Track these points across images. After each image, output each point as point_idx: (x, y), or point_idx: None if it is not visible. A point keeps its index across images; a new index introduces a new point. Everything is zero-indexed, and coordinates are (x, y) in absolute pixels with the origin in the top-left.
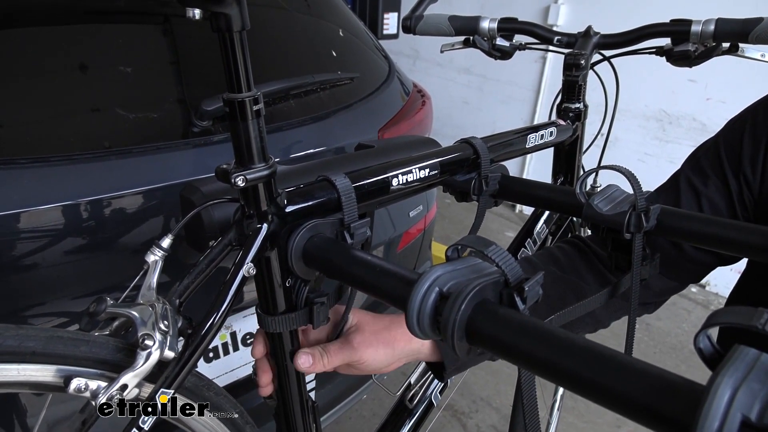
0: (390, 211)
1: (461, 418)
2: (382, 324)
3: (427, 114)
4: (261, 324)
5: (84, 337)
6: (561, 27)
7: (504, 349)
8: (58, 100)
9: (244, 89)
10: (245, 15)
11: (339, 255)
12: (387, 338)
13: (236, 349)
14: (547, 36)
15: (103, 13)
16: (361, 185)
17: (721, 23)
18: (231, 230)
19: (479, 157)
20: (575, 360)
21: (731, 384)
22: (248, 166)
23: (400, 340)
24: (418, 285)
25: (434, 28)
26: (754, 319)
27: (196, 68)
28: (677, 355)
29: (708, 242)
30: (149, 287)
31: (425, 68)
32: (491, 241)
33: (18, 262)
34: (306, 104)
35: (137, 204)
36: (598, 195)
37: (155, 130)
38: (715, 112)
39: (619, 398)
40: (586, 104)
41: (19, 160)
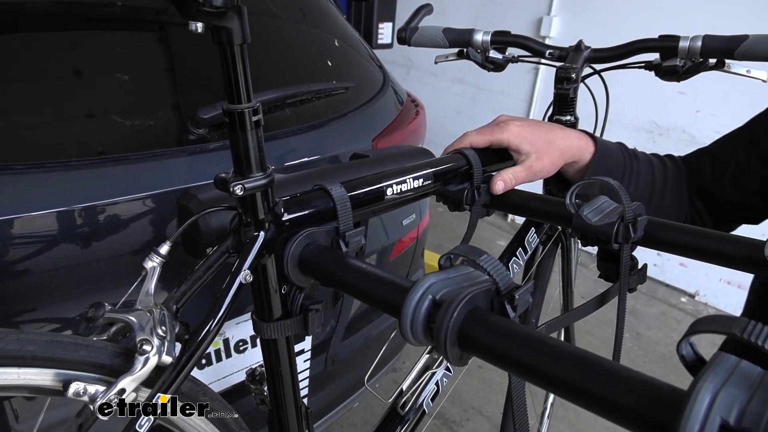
0: (383, 219)
1: (452, 427)
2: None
3: (420, 124)
4: (256, 330)
5: (83, 342)
6: (553, 39)
7: (495, 356)
8: (54, 106)
9: (244, 100)
10: (246, 29)
11: (334, 263)
12: (551, 149)
13: (229, 355)
14: (539, 49)
15: (99, 20)
16: (357, 194)
17: (708, 40)
18: (228, 238)
19: (472, 167)
20: (564, 366)
21: (711, 389)
22: (247, 175)
23: (560, 145)
24: (411, 293)
25: (429, 40)
26: (733, 327)
27: (192, 76)
28: (666, 365)
29: (694, 253)
30: (147, 293)
31: (419, 77)
32: (483, 251)
33: (12, 268)
34: (301, 113)
35: (132, 211)
36: (588, 206)
37: (151, 137)
38: (705, 124)
39: (606, 403)
40: (577, 117)
41: (14, 166)
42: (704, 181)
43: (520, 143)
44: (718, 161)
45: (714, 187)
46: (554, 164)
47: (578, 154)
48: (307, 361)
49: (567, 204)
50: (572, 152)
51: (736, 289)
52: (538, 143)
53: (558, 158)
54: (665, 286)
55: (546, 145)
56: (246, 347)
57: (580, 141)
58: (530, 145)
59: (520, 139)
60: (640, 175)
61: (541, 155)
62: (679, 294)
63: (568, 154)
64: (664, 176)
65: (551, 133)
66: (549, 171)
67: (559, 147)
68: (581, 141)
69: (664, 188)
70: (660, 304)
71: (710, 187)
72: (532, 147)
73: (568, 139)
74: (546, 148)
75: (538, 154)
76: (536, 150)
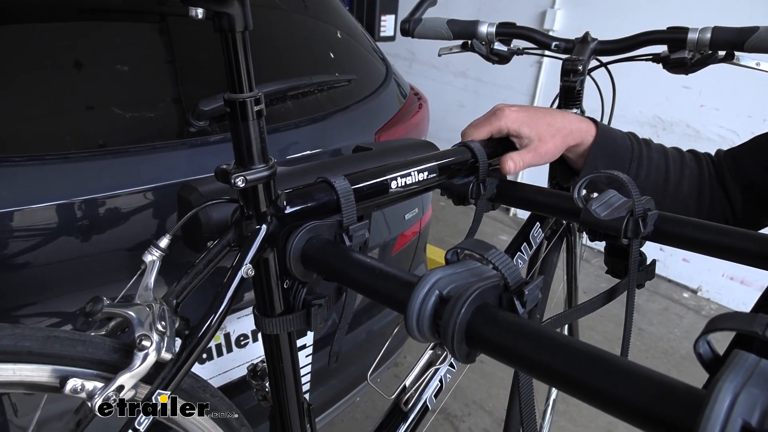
0: (385, 213)
1: (454, 422)
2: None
3: (423, 117)
4: (258, 325)
5: (80, 337)
6: (557, 32)
7: (504, 354)
8: (53, 98)
9: (246, 89)
10: (248, 15)
11: (337, 257)
12: (553, 131)
13: (230, 350)
14: (544, 41)
15: (99, 11)
16: (360, 187)
17: (718, 32)
18: (229, 231)
19: (477, 161)
20: (575, 364)
21: (732, 389)
22: (248, 166)
23: (561, 128)
24: (417, 288)
25: (432, 32)
26: (755, 324)
27: (193, 67)
28: (668, 360)
29: (704, 249)
30: (146, 287)
31: (422, 71)
32: (491, 245)
33: (11, 261)
34: (303, 106)
35: (133, 204)
36: (596, 200)
37: (152, 129)
38: (709, 118)
39: (620, 403)
40: (583, 110)
41: (13, 158)
42: (750, 171)
43: (519, 127)
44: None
45: (761, 177)
46: (557, 147)
47: (579, 136)
48: (309, 356)
49: (575, 198)
50: (574, 135)
51: (739, 285)
52: (538, 126)
53: (560, 141)
54: (668, 281)
55: (547, 128)
56: (247, 342)
57: (581, 124)
58: (530, 128)
59: (518, 124)
60: (651, 161)
61: (544, 138)
62: (681, 289)
63: (570, 137)
64: (680, 165)
65: (550, 116)
66: (554, 154)
67: (560, 129)
68: (582, 124)
69: (680, 177)
70: (662, 300)
71: (757, 177)
72: (533, 130)
73: (568, 122)
74: (547, 131)
75: (540, 136)
76: (538, 133)
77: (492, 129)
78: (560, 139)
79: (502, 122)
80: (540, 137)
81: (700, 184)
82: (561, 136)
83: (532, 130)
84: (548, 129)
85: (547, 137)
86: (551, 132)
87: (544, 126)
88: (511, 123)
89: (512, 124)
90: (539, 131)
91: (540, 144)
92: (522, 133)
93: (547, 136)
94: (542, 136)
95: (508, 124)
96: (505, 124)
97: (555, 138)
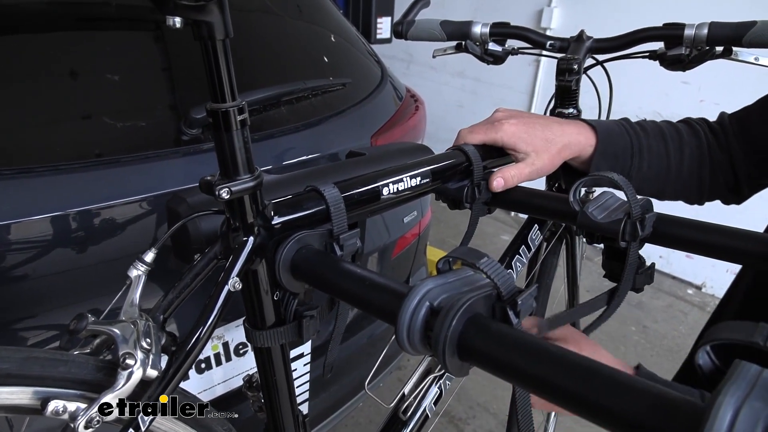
0: (384, 217)
1: (458, 424)
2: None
3: (420, 119)
4: (249, 339)
5: (62, 357)
6: (554, 30)
7: (497, 366)
8: (44, 109)
9: (228, 99)
10: (228, 23)
11: (328, 268)
12: (550, 147)
13: (229, 359)
14: (539, 40)
15: (91, 20)
16: (351, 195)
17: (715, 27)
18: (217, 243)
19: (472, 164)
20: (571, 378)
21: (733, 403)
22: (233, 177)
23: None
24: (407, 299)
25: (426, 34)
26: (755, 335)
27: (184, 75)
28: (674, 358)
29: (705, 250)
30: (132, 303)
31: (419, 72)
32: (483, 253)
33: (4, 274)
34: (297, 111)
35: (126, 214)
36: (593, 202)
37: (144, 138)
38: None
39: (618, 418)
40: (579, 109)
41: (3, 171)
42: (757, 131)
43: (515, 143)
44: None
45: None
46: (553, 162)
47: (578, 149)
48: (307, 365)
49: (571, 201)
50: (571, 149)
51: None
52: (535, 142)
53: (557, 156)
54: (672, 278)
55: (544, 144)
56: (246, 350)
57: (579, 136)
58: (527, 144)
59: (515, 139)
60: (651, 150)
61: (540, 154)
62: (685, 286)
63: (567, 152)
64: (679, 145)
65: (548, 131)
66: (549, 169)
67: (558, 145)
68: (580, 136)
69: (680, 158)
70: (666, 297)
71: (761, 138)
72: (530, 146)
73: (566, 136)
74: (544, 147)
75: (537, 152)
76: (534, 149)
77: (487, 139)
78: (557, 154)
79: (498, 135)
80: (536, 152)
81: (700, 158)
82: (557, 151)
83: (528, 145)
84: (545, 144)
85: (543, 153)
86: (548, 148)
87: (541, 141)
88: (508, 138)
89: (509, 138)
90: (536, 146)
91: (536, 159)
92: (518, 148)
93: (544, 152)
94: (539, 152)
95: (504, 138)
96: (501, 137)
97: (551, 153)
